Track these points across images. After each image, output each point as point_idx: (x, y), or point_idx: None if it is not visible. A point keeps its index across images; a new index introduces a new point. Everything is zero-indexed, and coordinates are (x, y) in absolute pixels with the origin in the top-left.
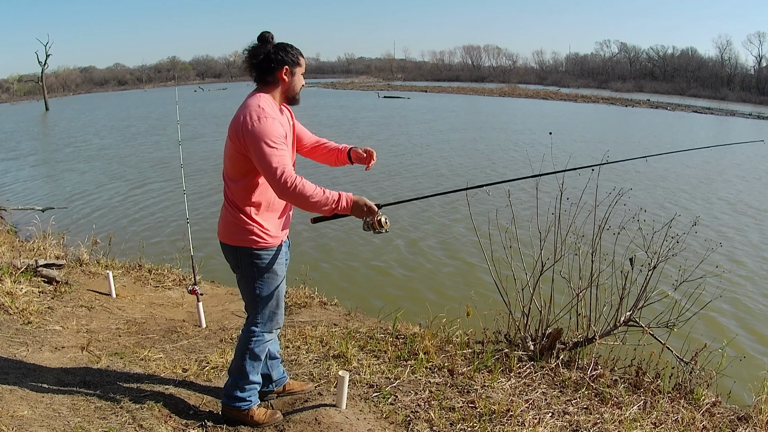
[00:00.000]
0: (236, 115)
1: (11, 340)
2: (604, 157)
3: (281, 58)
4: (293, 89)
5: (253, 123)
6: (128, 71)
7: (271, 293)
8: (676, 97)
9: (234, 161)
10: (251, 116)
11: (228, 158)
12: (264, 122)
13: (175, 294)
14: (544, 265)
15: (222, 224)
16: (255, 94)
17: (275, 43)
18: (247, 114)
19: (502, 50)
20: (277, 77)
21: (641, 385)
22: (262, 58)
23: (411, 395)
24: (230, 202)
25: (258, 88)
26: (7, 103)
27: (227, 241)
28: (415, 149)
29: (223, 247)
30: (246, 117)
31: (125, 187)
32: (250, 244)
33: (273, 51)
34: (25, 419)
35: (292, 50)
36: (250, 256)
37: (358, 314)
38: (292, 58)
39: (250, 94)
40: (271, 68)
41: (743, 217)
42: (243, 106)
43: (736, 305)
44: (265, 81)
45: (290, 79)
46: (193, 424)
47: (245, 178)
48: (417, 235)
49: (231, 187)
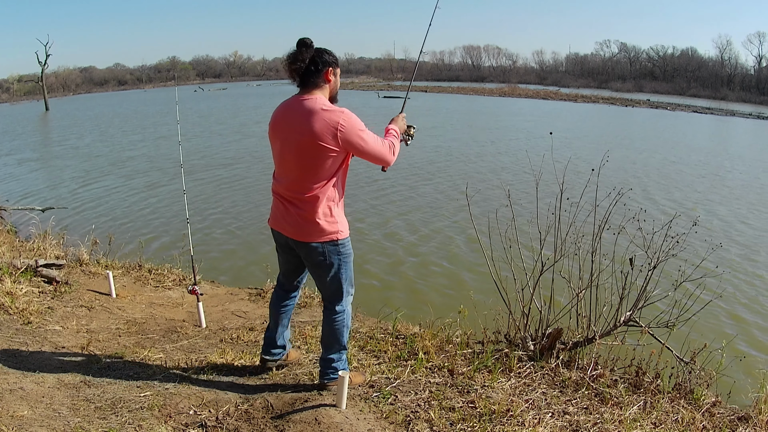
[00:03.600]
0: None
1: (11, 340)
2: (604, 158)
3: (326, 60)
4: (336, 88)
5: (345, 121)
6: (128, 71)
7: (353, 275)
8: (676, 97)
9: (323, 163)
10: (338, 116)
11: (310, 156)
12: (350, 116)
13: (175, 294)
14: (544, 265)
15: (299, 226)
16: (312, 97)
17: (315, 48)
18: (332, 114)
19: (502, 50)
20: (324, 78)
21: (641, 385)
22: (308, 61)
23: (411, 395)
24: (309, 203)
25: (307, 91)
26: (7, 103)
27: (310, 240)
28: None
29: (304, 247)
30: (335, 115)
31: (125, 187)
32: (336, 237)
33: (317, 54)
34: (25, 419)
35: (332, 53)
36: (337, 248)
37: (358, 314)
38: (334, 60)
39: (301, 97)
40: (318, 70)
41: (742, 216)
42: (311, 109)
43: (736, 305)
44: (313, 83)
45: (335, 79)
46: (193, 424)
47: (332, 179)
48: (417, 235)
49: (311, 189)
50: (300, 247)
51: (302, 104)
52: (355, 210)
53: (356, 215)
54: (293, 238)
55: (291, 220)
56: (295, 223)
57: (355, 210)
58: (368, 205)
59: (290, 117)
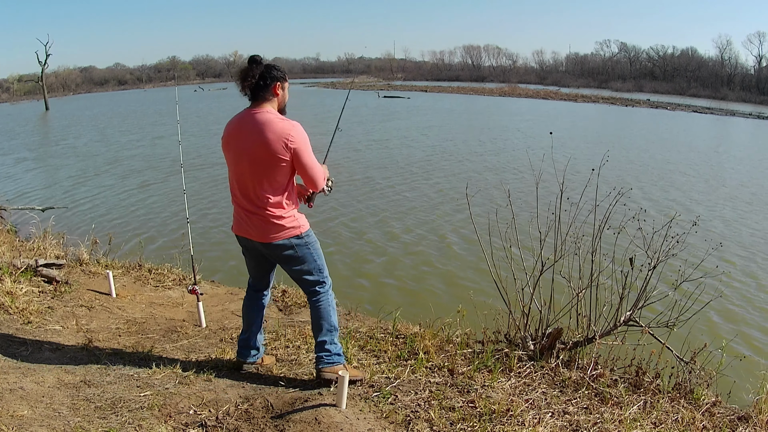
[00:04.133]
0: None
1: (11, 340)
2: (604, 158)
3: (274, 75)
4: (284, 101)
5: (295, 133)
6: (128, 71)
7: (323, 261)
8: (676, 97)
9: (277, 170)
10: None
11: (265, 165)
12: (300, 130)
13: (175, 294)
14: (544, 265)
15: (263, 229)
16: (263, 110)
17: (265, 64)
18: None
19: (502, 50)
20: (273, 92)
21: (641, 385)
22: (258, 77)
23: (411, 395)
24: (270, 206)
25: (257, 104)
26: (7, 103)
27: (276, 240)
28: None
29: (271, 246)
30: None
31: (125, 187)
32: (299, 231)
33: (266, 70)
34: (25, 419)
35: (280, 68)
36: (302, 240)
37: (358, 314)
38: (282, 75)
39: (254, 110)
40: (267, 85)
41: (742, 217)
42: (264, 121)
43: (736, 305)
44: (263, 97)
45: (283, 92)
46: (193, 424)
47: (286, 184)
48: (417, 235)
49: (270, 193)
50: (268, 248)
51: (254, 117)
52: (355, 209)
53: (356, 215)
54: (260, 241)
55: (254, 224)
56: (258, 227)
57: (354, 209)
58: (365, 205)
59: (243, 129)
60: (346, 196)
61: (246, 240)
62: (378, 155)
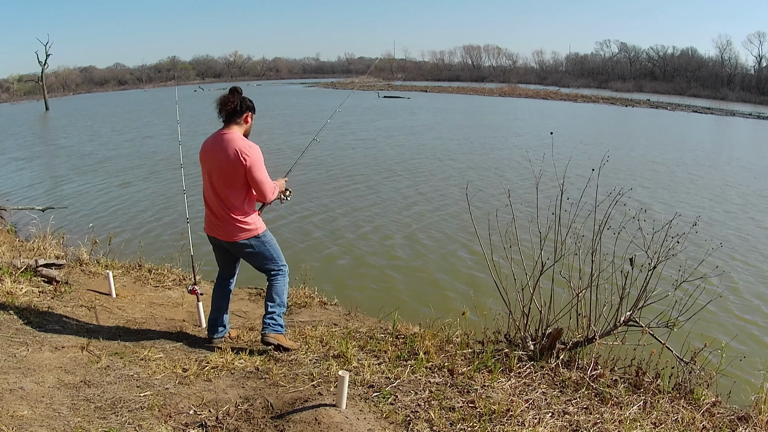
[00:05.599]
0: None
1: (11, 340)
2: (604, 158)
3: (248, 105)
4: (249, 129)
5: (250, 153)
6: (128, 71)
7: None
8: (676, 97)
9: (239, 178)
10: (247, 149)
11: (229, 178)
12: (256, 150)
13: (175, 294)
14: (544, 265)
15: (228, 230)
16: (231, 132)
17: (241, 96)
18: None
19: (502, 50)
20: (244, 119)
21: (641, 385)
22: (236, 104)
23: (411, 395)
24: (234, 212)
25: (228, 126)
26: (7, 103)
27: (238, 239)
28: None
29: (235, 245)
30: (245, 148)
31: (125, 187)
32: (257, 233)
33: (242, 100)
34: (25, 419)
35: (251, 102)
36: (259, 239)
37: (358, 314)
38: (253, 107)
39: (224, 132)
40: (241, 112)
41: (741, 217)
42: (229, 140)
43: (736, 305)
44: (235, 122)
45: (251, 122)
46: (193, 424)
47: (247, 193)
48: (417, 236)
49: (234, 200)
50: (232, 246)
51: (223, 138)
52: (354, 210)
53: (355, 214)
54: (226, 240)
55: (221, 226)
56: (224, 228)
57: (353, 210)
58: (365, 204)
59: (215, 147)
60: (346, 201)
61: (214, 239)
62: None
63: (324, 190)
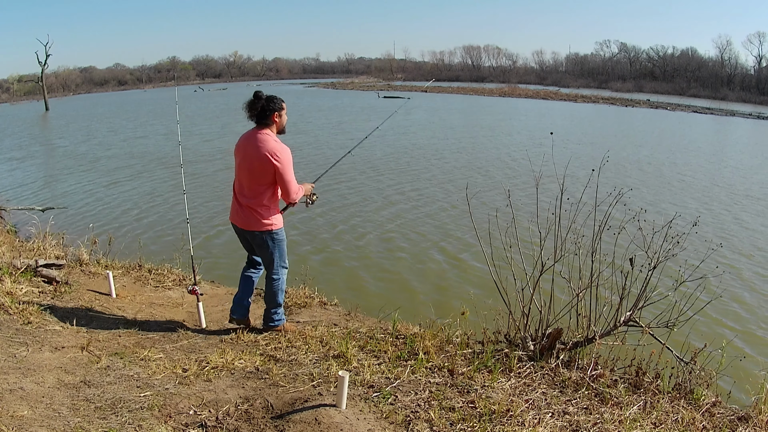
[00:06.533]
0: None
1: (11, 340)
2: (604, 158)
3: (272, 107)
4: (282, 124)
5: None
6: (128, 71)
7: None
8: (676, 97)
9: (268, 176)
10: (279, 150)
11: (259, 174)
12: (287, 152)
13: (175, 294)
14: (544, 265)
15: (247, 220)
16: (264, 132)
17: (266, 97)
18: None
19: (502, 50)
20: (272, 119)
21: (641, 385)
22: (260, 108)
23: (411, 395)
24: (255, 204)
25: (261, 127)
26: (7, 103)
27: (254, 229)
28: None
29: (252, 234)
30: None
31: (125, 187)
32: (272, 228)
33: (265, 102)
34: (25, 419)
35: (277, 100)
36: (272, 235)
37: (358, 314)
38: (279, 105)
39: (258, 131)
40: (267, 114)
41: (741, 217)
42: (262, 140)
43: (736, 305)
44: (264, 122)
45: (280, 119)
46: (193, 424)
47: (272, 189)
48: (417, 236)
49: (256, 195)
50: (248, 234)
51: (257, 136)
52: (353, 209)
53: (354, 215)
54: (244, 228)
55: (243, 215)
56: (245, 217)
57: (352, 209)
58: (365, 203)
59: (248, 144)
60: (346, 202)
61: (236, 227)
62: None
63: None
